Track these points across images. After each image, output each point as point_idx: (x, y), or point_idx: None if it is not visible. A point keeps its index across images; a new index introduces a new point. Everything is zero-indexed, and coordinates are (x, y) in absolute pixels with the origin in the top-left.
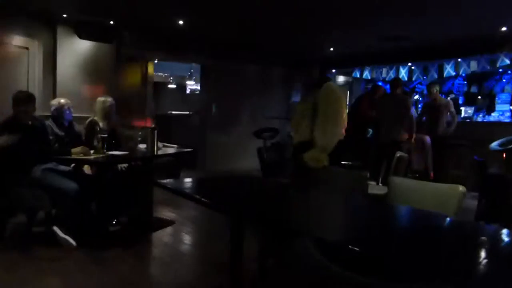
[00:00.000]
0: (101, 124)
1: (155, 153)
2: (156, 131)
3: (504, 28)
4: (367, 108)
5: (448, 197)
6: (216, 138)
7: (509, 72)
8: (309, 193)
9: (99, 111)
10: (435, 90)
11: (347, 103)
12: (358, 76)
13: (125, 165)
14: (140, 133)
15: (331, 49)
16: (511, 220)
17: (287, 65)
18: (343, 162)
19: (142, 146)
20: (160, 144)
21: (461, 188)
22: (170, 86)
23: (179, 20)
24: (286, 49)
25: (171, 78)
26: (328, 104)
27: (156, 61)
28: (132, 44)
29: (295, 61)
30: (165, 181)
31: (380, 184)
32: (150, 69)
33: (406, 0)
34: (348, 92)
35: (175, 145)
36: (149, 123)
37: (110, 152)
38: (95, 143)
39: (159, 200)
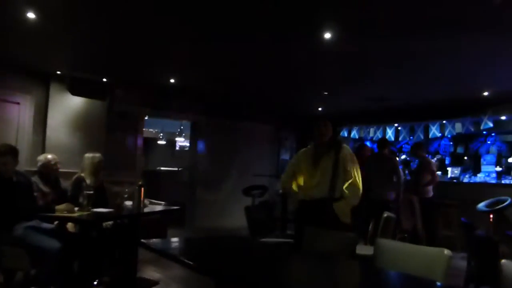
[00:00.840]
0: (88, 181)
1: (141, 211)
2: (143, 188)
3: (486, 93)
4: None
5: (435, 261)
6: (205, 195)
7: (493, 134)
8: (294, 255)
9: (87, 167)
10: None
11: None
12: (346, 135)
13: (110, 222)
14: (127, 190)
15: (320, 108)
16: (500, 282)
17: (276, 123)
18: None
19: (129, 203)
20: (147, 202)
21: (447, 252)
22: (160, 142)
23: (170, 78)
24: (275, 108)
25: (161, 134)
26: (353, 164)
27: (146, 118)
28: (124, 101)
29: (284, 119)
30: (150, 241)
31: (368, 245)
32: (141, 125)
33: (392, 64)
34: None
35: (163, 202)
36: (138, 179)
37: (96, 210)
38: (81, 200)
39: (144, 259)
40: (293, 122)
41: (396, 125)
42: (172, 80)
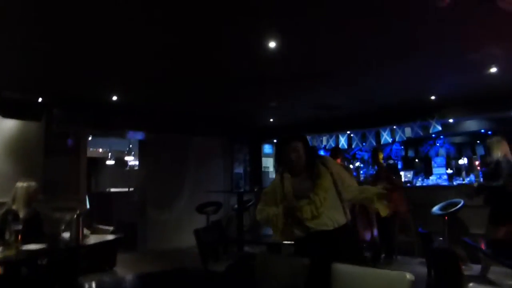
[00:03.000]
0: (21, 213)
1: (80, 243)
2: (81, 218)
3: (433, 97)
4: None
5: (396, 285)
6: (158, 215)
7: (441, 137)
8: None
9: (20, 197)
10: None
11: None
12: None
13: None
14: (67, 217)
15: (271, 120)
16: None
17: (228, 136)
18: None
19: (67, 234)
20: (87, 232)
21: (409, 276)
22: (109, 162)
23: (113, 95)
24: (226, 121)
25: (110, 153)
26: (347, 171)
27: (90, 138)
28: (63, 121)
29: (235, 132)
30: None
31: None
32: (84, 145)
33: (339, 72)
34: None
35: (111, 228)
36: (82, 205)
37: (25, 247)
38: (7, 236)
39: None
40: (245, 134)
41: (348, 132)
42: (114, 98)
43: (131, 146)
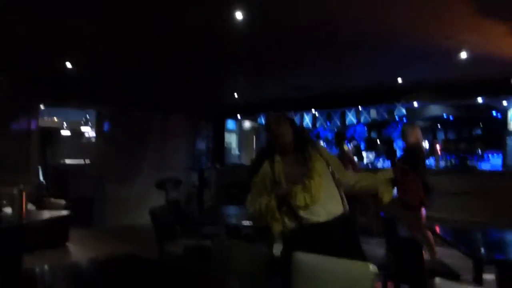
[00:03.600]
0: None
1: (23, 219)
2: (24, 192)
3: (400, 81)
4: None
5: (359, 277)
6: (116, 190)
7: (404, 120)
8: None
9: None
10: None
11: (254, 150)
12: (264, 123)
13: None
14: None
15: (235, 96)
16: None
17: (191, 111)
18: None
19: (9, 210)
20: (32, 207)
21: (373, 268)
22: (64, 132)
23: (66, 62)
24: (190, 96)
25: (65, 123)
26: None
27: (42, 107)
28: (11, 90)
29: (198, 108)
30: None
31: None
32: (35, 116)
33: (307, 52)
34: (254, 138)
35: (63, 202)
36: (33, 176)
37: None
38: None
39: None
40: (210, 110)
41: (313, 111)
42: (68, 65)
43: (88, 116)
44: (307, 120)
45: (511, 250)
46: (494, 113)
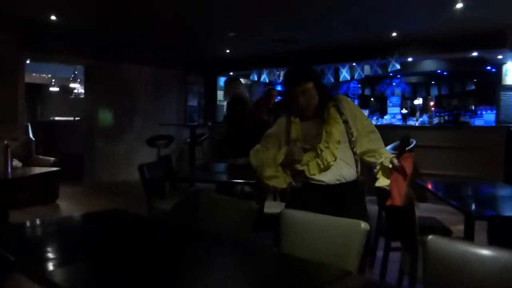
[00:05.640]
0: None
1: (8, 177)
2: (8, 149)
3: (394, 34)
4: (262, 113)
5: (350, 236)
6: (106, 146)
7: (398, 76)
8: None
9: None
10: None
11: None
12: (256, 79)
13: None
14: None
15: (227, 51)
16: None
17: (182, 66)
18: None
19: None
20: (17, 163)
21: (364, 225)
22: (52, 89)
23: (50, 15)
24: (180, 50)
25: (53, 80)
26: (364, 115)
27: (28, 62)
28: None
29: (190, 63)
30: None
31: (278, 201)
32: (21, 71)
33: (299, 4)
34: (248, 95)
35: (52, 159)
36: (21, 132)
37: None
38: None
39: None
40: (201, 65)
41: None
42: (53, 17)
43: (76, 72)
44: None
45: (502, 206)
46: (488, 67)
